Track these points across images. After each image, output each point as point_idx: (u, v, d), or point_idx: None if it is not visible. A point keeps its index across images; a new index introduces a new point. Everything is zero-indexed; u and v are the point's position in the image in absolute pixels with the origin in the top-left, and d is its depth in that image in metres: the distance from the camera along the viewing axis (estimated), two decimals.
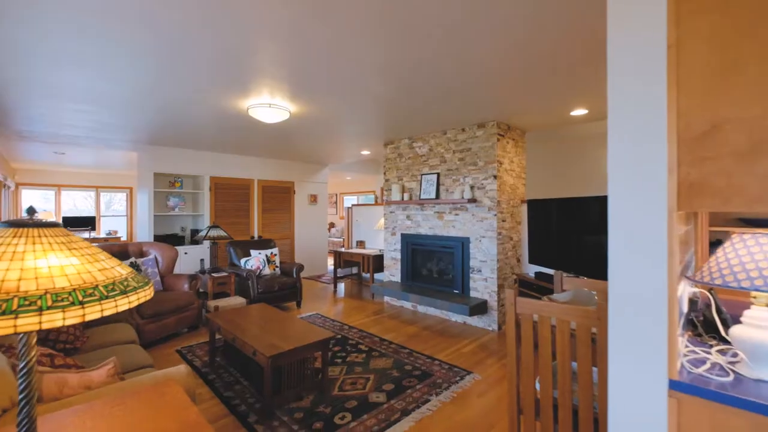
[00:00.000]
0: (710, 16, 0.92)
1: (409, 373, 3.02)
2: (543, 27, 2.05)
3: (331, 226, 11.79)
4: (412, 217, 5.04)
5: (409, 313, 4.75)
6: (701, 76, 0.95)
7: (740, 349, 0.99)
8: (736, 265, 0.97)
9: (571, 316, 1.36)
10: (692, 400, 0.94)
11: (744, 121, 0.89)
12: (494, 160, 4.16)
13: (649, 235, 1.00)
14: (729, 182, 0.90)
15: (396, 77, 2.80)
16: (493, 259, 4.11)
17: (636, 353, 1.03)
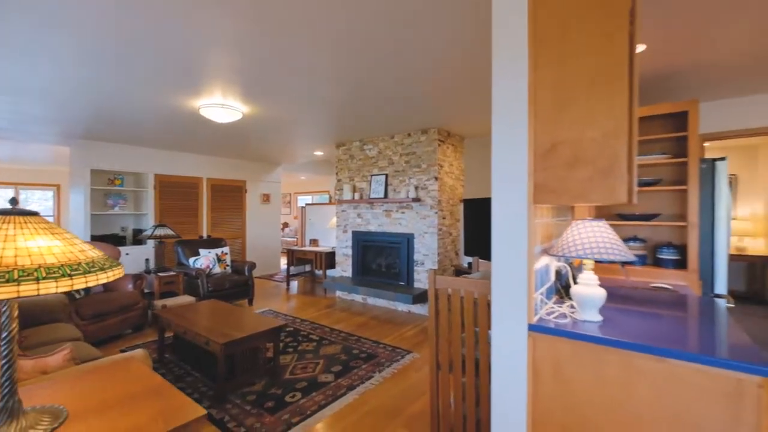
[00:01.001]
0: (551, 70, 1.32)
1: (356, 356, 3.31)
2: (465, 51, 2.45)
3: (284, 226, 11.75)
4: (362, 216, 5.34)
5: (360, 306, 5.05)
6: (547, 111, 1.34)
7: (575, 302, 1.41)
8: (572, 242, 1.38)
9: (473, 288, 1.74)
10: (541, 336, 1.34)
11: (570, 143, 1.30)
12: (436, 164, 4.59)
13: (514, 221, 1.39)
14: (561, 184, 1.31)
15: (346, 86, 3.09)
16: (434, 253, 4.54)
17: (508, 308, 1.41)
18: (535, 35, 1.35)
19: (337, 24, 2.06)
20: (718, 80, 2.92)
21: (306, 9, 1.91)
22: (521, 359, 1.38)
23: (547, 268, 1.64)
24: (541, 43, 1.35)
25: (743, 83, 2.99)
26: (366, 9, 1.91)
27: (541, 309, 1.51)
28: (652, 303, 1.71)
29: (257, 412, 2.42)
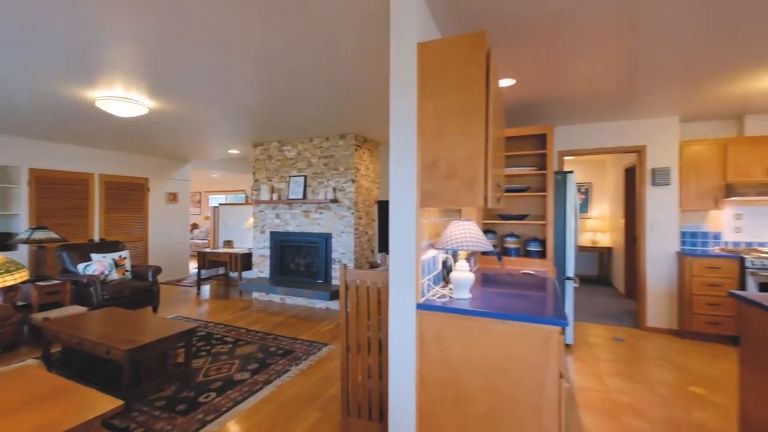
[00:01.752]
0: (433, 103, 1.68)
1: (273, 353, 3.40)
2: (375, 71, 2.76)
3: (194, 227, 10.91)
4: (281, 216, 5.36)
5: (278, 306, 5.07)
6: (430, 133, 1.70)
7: (452, 285, 1.80)
8: (449, 238, 1.76)
9: (378, 279, 2.04)
10: (426, 312, 1.69)
11: (447, 160, 1.67)
12: (353, 167, 4.87)
13: (406, 221, 1.71)
14: (440, 192, 1.67)
15: (262, 91, 3.17)
16: (351, 251, 4.82)
17: (401, 292, 1.73)
18: (422, 75, 1.70)
19: (251, 34, 2.18)
20: (572, 110, 3.74)
21: (218, 17, 2.00)
22: (411, 332, 1.71)
23: (435, 259, 2.01)
24: (426, 81, 1.70)
25: (589, 113, 3.87)
26: (281, 25, 2.08)
27: (428, 292, 1.87)
28: (516, 284, 2.22)
29: (168, 415, 2.39)
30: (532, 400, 1.50)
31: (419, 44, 1.72)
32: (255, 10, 1.91)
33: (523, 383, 1.52)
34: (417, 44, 1.71)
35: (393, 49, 1.75)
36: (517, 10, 1.91)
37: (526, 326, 1.51)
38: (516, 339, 1.53)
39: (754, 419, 1.79)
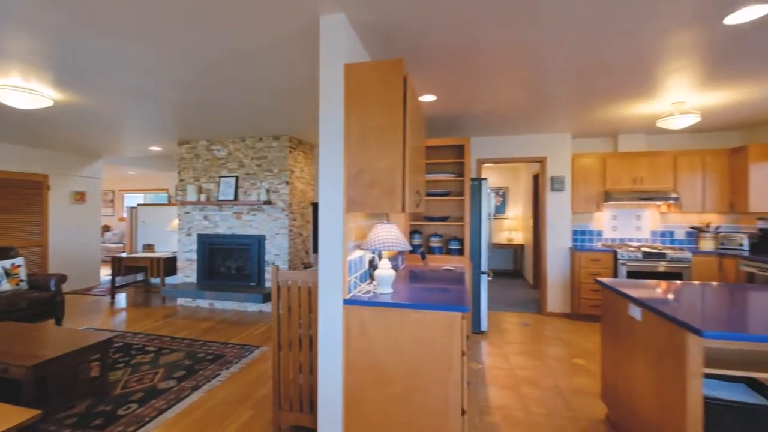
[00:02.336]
0: (358, 120, 1.87)
1: (202, 359, 3.32)
2: (306, 79, 2.87)
3: (105, 230, 9.81)
4: (209, 218, 5.16)
5: (206, 311, 4.88)
6: (355, 147, 1.89)
7: (376, 281, 2.02)
8: (373, 239, 1.97)
9: (308, 278, 2.17)
10: (352, 307, 1.87)
11: (369, 171, 1.87)
12: (287, 169, 4.88)
13: (334, 224, 1.88)
14: (364, 199, 1.87)
15: (186, 88, 3.08)
16: (285, 253, 4.83)
17: (329, 289, 1.89)
18: (349, 94, 1.88)
19: (175, 35, 2.17)
20: (487, 124, 4.22)
21: (139, 15, 1.97)
22: (338, 325, 1.88)
23: (361, 258, 2.21)
24: (352, 99, 1.88)
25: (501, 127, 4.40)
26: (210, 30, 2.10)
27: (354, 289, 2.06)
28: (435, 279, 2.51)
29: None
30: (440, 376, 1.77)
31: (346, 65, 1.90)
32: (178, 15, 1.92)
33: (433, 362, 1.78)
34: (344, 65, 1.89)
35: (322, 68, 1.91)
36: (432, 40, 2.19)
37: (436, 314, 1.77)
38: (427, 325, 1.79)
39: (608, 379, 2.29)
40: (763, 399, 1.56)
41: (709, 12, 1.89)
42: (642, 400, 1.86)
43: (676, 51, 2.34)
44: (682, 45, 2.25)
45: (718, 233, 4.29)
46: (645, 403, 1.83)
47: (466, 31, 2.09)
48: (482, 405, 2.55)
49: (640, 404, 1.88)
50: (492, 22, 1.98)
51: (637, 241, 4.76)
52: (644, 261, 4.12)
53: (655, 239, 4.72)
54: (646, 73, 2.71)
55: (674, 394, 1.57)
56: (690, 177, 4.33)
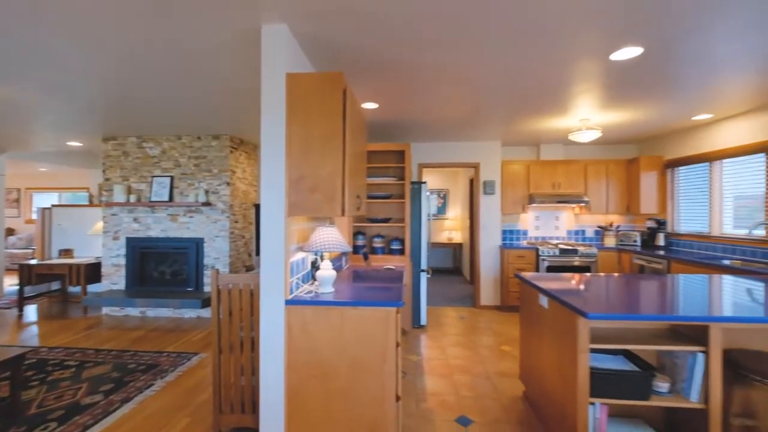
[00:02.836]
0: (300, 128, 1.96)
1: (133, 370, 3.14)
2: (248, 79, 2.87)
3: (9, 233, 8.60)
4: (140, 220, 4.82)
5: (137, 320, 4.56)
6: (297, 153, 1.97)
7: (318, 282, 2.12)
8: (315, 241, 2.06)
9: (250, 281, 2.20)
10: (294, 307, 1.95)
11: (311, 176, 1.97)
12: (228, 169, 4.74)
13: (276, 228, 1.95)
14: (304, 203, 1.97)
15: (119, 85, 2.90)
16: (226, 256, 4.69)
17: (271, 291, 1.95)
18: (291, 102, 1.96)
19: (103, 30, 2.08)
20: (427, 130, 4.49)
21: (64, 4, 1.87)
22: (280, 325, 1.95)
23: (304, 260, 2.29)
24: (294, 107, 1.96)
25: (440, 134, 4.71)
26: (144, 25, 2.05)
27: (296, 289, 2.14)
28: (376, 278, 2.66)
29: None
30: (377, 367, 1.92)
31: (288, 75, 1.97)
32: (111, 15, 1.85)
33: (371, 355, 1.93)
34: (286, 74, 1.96)
35: (264, 76, 1.96)
36: (373, 55, 2.34)
37: (373, 310, 1.92)
38: (365, 321, 1.93)
39: (525, 361, 2.62)
40: (634, 366, 1.93)
41: (599, 49, 2.27)
42: (549, 375, 2.18)
43: (579, 78, 2.75)
44: (582, 73, 2.65)
45: (618, 232, 5.02)
46: (550, 377, 2.15)
47: (405, 51, 2.27)
48: (419, 393, 2.76)
49: (547, 379, 2.20)
50: (428, 45, 2.18)
51: (555, 239, 5.37)
52: (561, 257, 4.68)
53: (570, 237, 5.37)
54: (560, 94, 3.13)
55: (570, 367, 1.89)
56: (597, 183, 5.01)
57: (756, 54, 2.34)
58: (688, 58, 2.39)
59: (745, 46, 2.23)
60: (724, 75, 2.70)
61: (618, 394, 1.83)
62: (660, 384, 1.86)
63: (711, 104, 3.43)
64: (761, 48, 2.25)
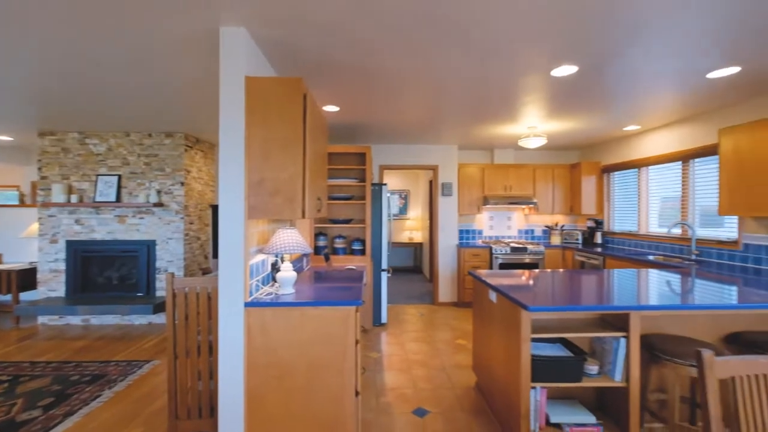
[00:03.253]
0: (260, 131, 1.98)
1: (76, 382, 2.95)
2: (203, 79, 2.81)
3: None
4: (83, 222, 4.50)
5: (79, 329, 4.26)
6: (257, 156, 1.99)
7: (278, 283, 2.14)
8: (276, 243, 2.09)
9: (207, 284, 2.17)
10: (253, 309, 1.97)
11: (272, 179, 1.99)
12: (182, 168, 4.55)
13: (235, 231, 1.95)
14: (266, 206, 1.99)
15: (56, 77, 2.71)
16: (180, 259, 4.51)
17: (230, 293, 1.95)
18: (250, 105, 1.97)
19: (39, 19, 1.96)
20: (388, 133, 4.60)
21: None
22: (239, 328, 1.95)
23: (264, 262, 2.30)
24: (253, 111, 1.97)
25: (401, 137, 4.84)
26: (88, 21, 1.96)
27: (256, 291, 2.15)
28: (337, 278, 2.71)
29: None
30: (337, 365, 1.99)
31: (247, 78, 1.98)
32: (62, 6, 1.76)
33: (331, 354, 1.99)
34: (245, 77, 1.97)
35: (222, 78, 1.95)
36: (334, 61, 2.39)
37: (333, 309, 1.99)
38: (326, 320, 1.99)
39: (477, 352, 2.81)
40: (570, 352, 2.16)
41: (542, 66, 2.49)
42: (497, 364, 2.36)
43: (526, 89, 2.98)
44: (529, 85, 2.89)
45: (563, 231, 5.44)
46: (498, 366, 2.33)
47: (364, 59, 2.35)
48: (379, 388, 2.86)
49: (496, 368, 2.39)
50: (387, 54, 2.28)
51: (508, 238, 5.71)
52: (512, 255, 5.00)
53: (521, 236, 5.74)
54: (510, 103, 3.37)
55: (514, 356, 2.07)
56: (544, 186, 5.40)
57: (673, 75, 2.68)
58: (616, 76, 2.69)
59: (664, 68, 2.56)
60: (647, 92, 3.05)
61: (555, 378, 2.04)
62: (590, 367, 2.10)
63: (638, 117, 3.85)
64: (677, 70, 2.59)
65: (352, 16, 1.86)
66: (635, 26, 1.97)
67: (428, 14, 1.85)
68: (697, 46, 2.21)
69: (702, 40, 2.13)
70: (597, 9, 1.80)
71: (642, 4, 1.77)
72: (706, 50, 2.26)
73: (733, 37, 2.10)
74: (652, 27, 1.98)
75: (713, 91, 3.03)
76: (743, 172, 2.96)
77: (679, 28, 1.99)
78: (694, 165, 3.83)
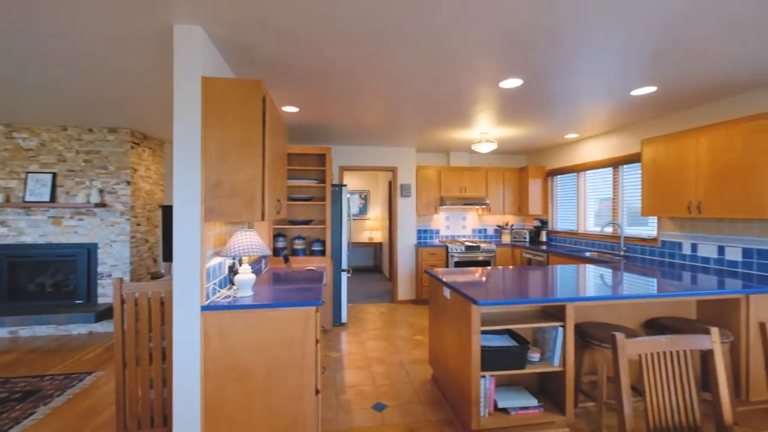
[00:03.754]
0: (217, 131, 1.95)
1: (4, 400, 2.70)
2: (154, 66, 2.69)
3: None
4: (10, 224, 4.08)
5: (5, 342, 3.85)
6: (214, 158, 1.96)
7: (236, 286, 2.13)
8: (233, 245, 2.07)
9: (161, 288, 2.10)
10: (210, 312, 1.94)
11: (229, 182, 1.98)
12: (128, 167, 4.28)
13: (191, 233, 1.91)
14: (224, 209, 1.97)
15: None
16: (126, 263, 4.24)
17: (186, 298, 1.91)
18: (207, 106, 1.94)
19: None
20: (347, 134, 4.65)
21: None
22: (196, 332, 1.92)
23: (221, 265, 2.27)
24: (211, 112, 1.94)
25: (361, 138, 4.90)
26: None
27: (213, 295, 2.11)
28: (296, 279, 2.72)
29: None
30: (297, 364, 2.02)
31: (204, 78, 1.94)
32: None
33: (291, 354, 2.02)
34: (201, 77, 1.94)
35: (177, 78, 1.90)
36: (294, 64, 2.41)
37: (292, 310, 2.02)
38: (285, 321, 2.01)
39: (433, 347, 2.95)
40: (515, 342, 2.36)
41: (491, 78, 2.68)
42: (451, 357, 2.52)
43: (478, 98, 3.18)
44: (480, 95, 3.08)
45: (513, 230, 5.82)
46: (452, 358, 2.49)
47: (323, 63, 2.39)
48: (339, 387, 2.91)
49: (450, 360, 2.54)
50: (345, 59, 2.33)
51: (463, 237, 6.00)
52: (467, 253, 5.26)
53: (475, 235, 6.05)
54: (464, 111, 3.56)
55: (466, 347, 2.22)
56: (496, 188, 5.74)
57: (603, 91, 3.00)
58: (556, 90, 2.96)
59: (596, 85, 2.86)
60: (583, 105, 3.38)
61: (502, 366, 2.22)
62: (533, 355, 2.31)
63: (576, 126, 4.23)
64: (606, 87, 2.90)
65: (310, 23, 1.90)
66: (572, 47, 2.20)
67: (383, 26, 1.94)
68: (621, 68, 2.51)
69: (625, 62, 2.42)
70: (539, 30, 2.00)
71: (576, 29, 1.99)
72: (629, 71, 2.57)
73: (649, 63, 2.41)
74: (584, 49, 2.22)
75: (637, 106, 3.42)
76: (660, 178, 3.38)
77: (606, 51, 2.25)
78: (623, 171, 4.28)
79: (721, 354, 1.34)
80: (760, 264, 2.91)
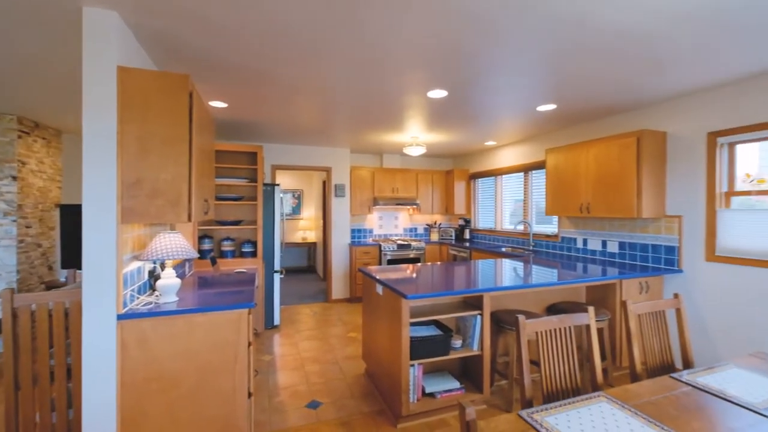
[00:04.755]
0: (136, 126, 1.82)
1: None
2: (47, 43, 2.38)
3: None
4: None
5: None
6: (133, 154, 1.82)
7: (159, 291, 2.00)
8: (155, 249, 1.94)
9: (64, 298, 1.88)
10: (128, 321, 1.81)
11: (150, 180, 1.85)
12: (15, 160, 3.68)
13: (104, 236, 1.76)
14: (144, 209, 1.84)
15: None
16: (12, 271, 3.63)
17: (98, 306, 1.75)
18: (124, 98, 1.79)
19: None
20: (280, 133, 4.55)
21: None
22: (111, 343, 1.77)
23: (140, 269, 2.10)
24: (128, 105, 1.80)
25: (295, 137, 4.83)
26: None
27: (131, 302, 1.96)
28: (226, 282, 2.62)
29: None
30: (229, 368, 1.97)
31: (120, 68, 1.79)
32: None
33: (222, 358, 1.96)
34: (117, 67, 1.79)
35: (86, 65, 1.73)
36: (220, 59, 2.32)
37: (223, 313, 1.97)
38: (216, 325, 1.95)
39: (367, 342, 3.07)
40: (440, 331, 2.58)
41: (420, 87, 2.88)
42: (383, 350, 2.66)
43: (409, 105, 3.37)
44: (411, 102, 3.28)
45: (440, 228, 6.23)
46: (384, 351, 2.63)
47: (254, 61, 2.34)
48: (272, 389, 2.88)
49: (381, 353, 2.68)
50: (278, 59, 2.32)
51: (395, 236, 6.25)
52: (398, 251, 5.50)
53: (406, 234, 6.34)
54: (395, 115, 3.74)
55: (396, 339, 2.38)
56: (425, 189, 6.08)
57: (514, 105, 3.40)
58: (476, 102, 3.28)
59: (508, 99, 3.23)
60: (499, 116, 3.79)
61: (429, 354, 2.42)
62: (456, 342, 2.55)
63: (494, 135, 4.70)
64: (517, 102, 3.30)
65: (240, 23, 1.88)
66: (488, 67, 2.48)
67: (314, 35, 1.99)
68: (528, 87, 2.89)
69: (530, 83, 2.79)
70: (461, 46, 2.22)
71: (490, 51, 2.25)
72: (534, 90, 2.97)
73: (550, 85, 2.82)
74: (498, 69, 2.52)
75: (542, 120, 3.94)
76: (560, 183, 3.93)
77: (515, 72, 2.58)
78: (532, 176, 4.87)
79: (595, 329, 1.67)
80: (631, 254, 3.56)
